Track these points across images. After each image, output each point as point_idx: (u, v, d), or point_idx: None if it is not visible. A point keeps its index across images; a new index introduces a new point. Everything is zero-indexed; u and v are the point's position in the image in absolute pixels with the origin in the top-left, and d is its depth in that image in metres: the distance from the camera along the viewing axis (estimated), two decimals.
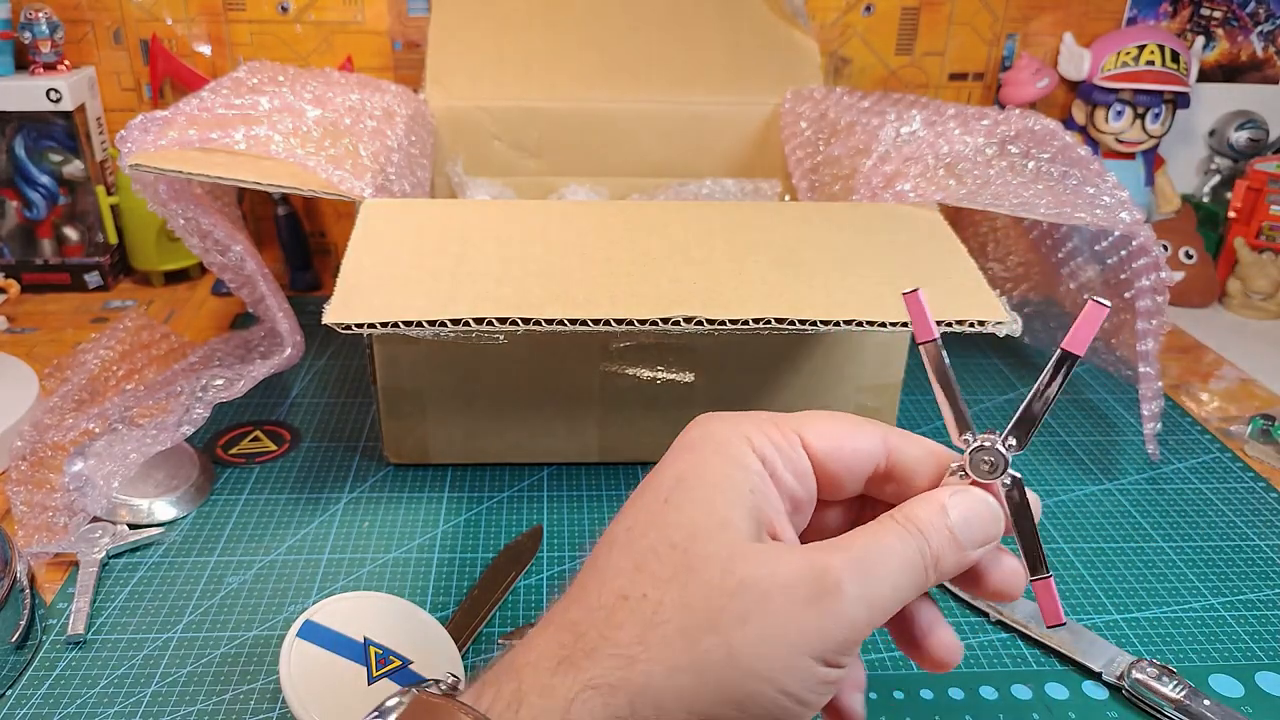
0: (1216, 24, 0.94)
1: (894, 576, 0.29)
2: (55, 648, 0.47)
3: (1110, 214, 0.56)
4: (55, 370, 0.69)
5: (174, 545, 0.54)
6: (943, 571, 0.31)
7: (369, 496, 0.59)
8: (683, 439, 0.33)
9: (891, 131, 0.64)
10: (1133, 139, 0.89)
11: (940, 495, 0.31)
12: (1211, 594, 0.52)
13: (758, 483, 0.31)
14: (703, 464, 0.31)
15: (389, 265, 0.50)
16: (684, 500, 0.30)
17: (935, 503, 0.31)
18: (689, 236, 0.54)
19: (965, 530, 0.31)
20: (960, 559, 0.31)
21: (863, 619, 0.28)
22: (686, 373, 0.58)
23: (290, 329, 0.60)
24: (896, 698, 0.45)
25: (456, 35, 0.81)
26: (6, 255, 0.85)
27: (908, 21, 0.91)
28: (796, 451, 0.32)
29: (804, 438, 0.32)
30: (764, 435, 0.32)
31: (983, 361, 0.76)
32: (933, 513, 0.31)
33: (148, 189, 0.59)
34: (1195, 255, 0.89)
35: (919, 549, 0.30)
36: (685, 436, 0.33)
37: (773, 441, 0.32)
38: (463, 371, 0.58)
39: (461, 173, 0.80)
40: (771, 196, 0.79)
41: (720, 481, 0.30)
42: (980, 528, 0.31)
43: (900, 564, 0.30)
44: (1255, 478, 0.63)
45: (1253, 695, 0.46)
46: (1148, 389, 0.60)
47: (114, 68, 0.86)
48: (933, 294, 0.49)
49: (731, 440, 0.31)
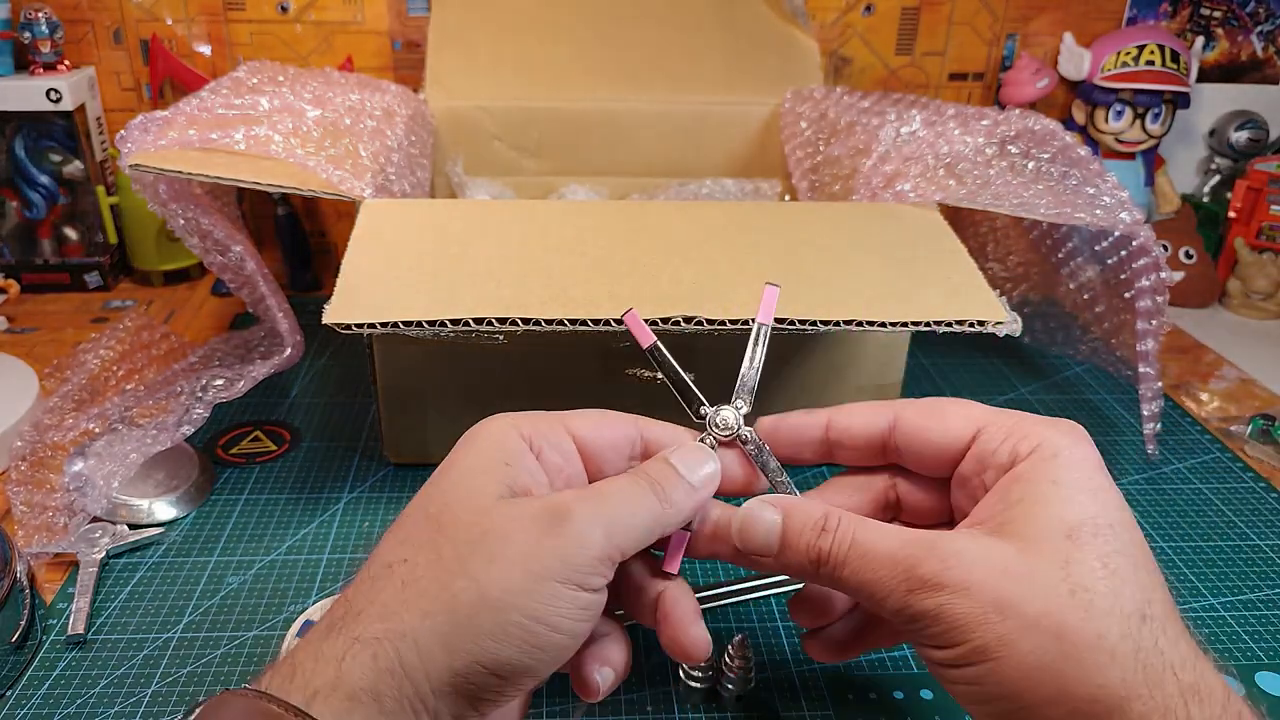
0: (1216, 24, 0.94)
1: (627, 504, 0.33)
2: (55, 648, 0.47)
3: (1110, 214, 0.56)
4: (55, 370, 0.69)
5: (174, 545, 0.54)
6: (676, 502, 0.34)
7: (369, 496, 0.59)
8: (465, 435, 0.36)
9: (891, 131, 0.64)
10: (1133, 139, 0.89)
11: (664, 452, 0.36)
12: (1211, 594, 0.52)
13: (514, 457, 0.34)
14: (466, 450, 0.35)
15: (389, 265, 0.50)
16: (442, 479, 0.34)
17: (659, 455, 0.36)
18: (689, 236, 0.54)
19: (685, 467, 0.35)
20: (689, 491, 0.35)
21: (599, 537, 0.31)
22: (686, 373, 0.58)
23: (290, 329, 0.60)
24: (896, 697, 0.45)
25: (456, 35, 0.81)
26: (6, 255, 0.85)
27: (908, 21, 0.91)
28: (560, 436, 0.36)
29: (568, 425, 0.37)
30: (531, 424, 0.36)
31: (982, 361, 0.76)
32: (656, 460, 0.36)
33: (148, 189, 0.59)
34: (1195, 255, 0.89)
35: (648, 484, 0.34)
36: (467, 432, 0.36)
37: (538, 429, 0.36)
38: (463, 371, 0.58)
39: (461, 173, 0.80)
40: (771, 196, 0.79)
41: (476, 460, 0.34)
42: (697, 463, 0.36)
43: (631, 493, 0.33)
44: (1255, 478, 0.63)
45: (1253, 695, 0.46)
46: (1148, 389, 0.60)
47: (114, 68, 0.86)
48: (933, 294, 0.49)
49: (498, 428, 0.35)
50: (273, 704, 0.28)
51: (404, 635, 0.29)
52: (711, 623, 0.49)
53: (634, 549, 0.33)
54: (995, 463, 0.34)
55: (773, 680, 0.46)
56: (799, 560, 0.34)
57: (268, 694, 0.29)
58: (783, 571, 0.35)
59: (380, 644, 0.29)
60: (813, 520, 0.34)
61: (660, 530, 0.34)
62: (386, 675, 0.29)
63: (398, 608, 0.30)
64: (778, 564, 0.35)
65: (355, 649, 0.29)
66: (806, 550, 0.34)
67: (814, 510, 0.34)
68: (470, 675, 0.30)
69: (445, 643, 0.29)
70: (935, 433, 0.36)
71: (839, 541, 0.33)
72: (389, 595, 0.30)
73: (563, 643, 0.31)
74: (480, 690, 0.30)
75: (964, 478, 0.36)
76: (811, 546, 0.34)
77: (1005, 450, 0.34)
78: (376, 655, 0.29)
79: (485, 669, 0.30)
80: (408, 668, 0.29)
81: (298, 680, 0.29)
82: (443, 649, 0.29)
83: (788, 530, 0.34)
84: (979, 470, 0.35)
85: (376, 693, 0.29)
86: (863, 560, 0.32)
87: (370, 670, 0.29)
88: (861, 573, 0.32)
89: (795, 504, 0.35)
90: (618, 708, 0.44)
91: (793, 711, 0.44)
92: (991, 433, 0.35)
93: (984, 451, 0.35)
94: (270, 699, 0.29)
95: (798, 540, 0.34)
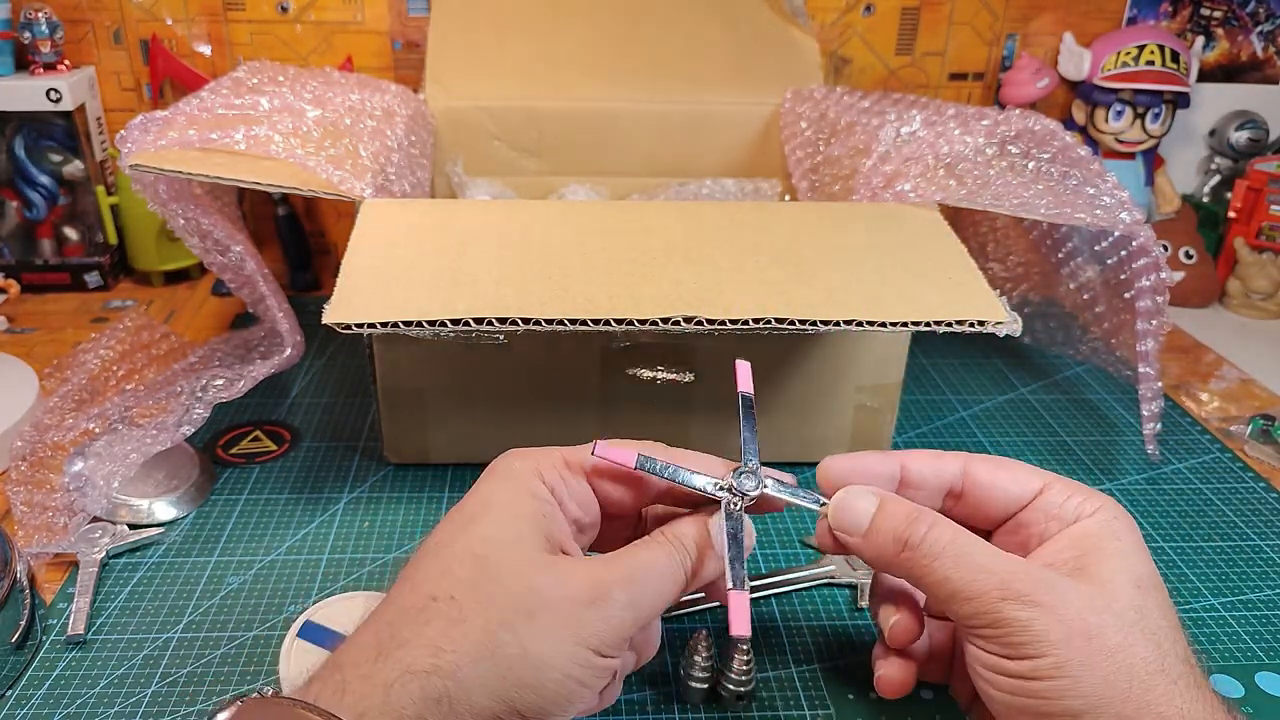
0: (1216, 24, 0.94)
1: (657, 585, 0.36)
2: (55, 648, 0.47)
3: (1110, 214, 0.56)
4: (55, 370, 0.69)
5: (174, 545, 0.54)
6: (703, 577, 0.38)
7: (369, 496, 0.59)
8: (488, 471, 0.39)
9: (891, 131, 0.64)
10: (1133, 139, 0.89)
11: (703, 516, 0.39)
12: (1211, 594, 0.52)
13: (547, 509, 0.37)
14: (502, 491, 0.38)
15: (389, 265, 0.50)
16: (486, 519, 0.36)
17: (700, 522, 0.39)
18: (689, 236, 0.54)
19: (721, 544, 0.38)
20: (719, 568, 0.38)
21: (629, 620, 0.35)
22: (686, 373, 0.58)
23: (290, 329, 0.60)
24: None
25: (456, 35, 0.81)
26: (6, 255, 0.85)
27: (908, 21, 0.91)
28: (579, 484, 0.39)
29: (586, 469, 0.39)
30: (553, 470, 0.39)
31: (983, 361, 0.76)
32: (698, 531, 0.38)
33: (148, 189, 0.59)
34: (1195, 255, 0.89)
35: (680, 562, 0.37)
36: (489, 469, 0.39)
37: (560, 475, 0.39)
38: (463, 371, 0.58)
39: (461, 173, 0.80)
40: (771, 196, 0.79)
41: (516, 506, 0.37)
42: None
43: (662, 575, 0.37)
44: (1255, 478, 0.63)
45: (1253, 695, 0.46)
46: (1147, 389, 0.60)
47: (114, 68, 0.86)
48: (932, 294, 0.49)
49: (526, 474, 0.38)
50: (321, 717, 0.31)
51: (452, 675, 0.32)
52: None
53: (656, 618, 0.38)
54: (1060, 515, 0.38)
55: (773, 680, 0.46)
56: (884, 542, 0.38)
57: (316, 706, 0.31)
58: (862, 552, 0.39)
59: (429, 678, 0.32)
60: (905, 510, 0.38)
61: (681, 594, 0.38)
62: (432, 705, 0.32)
63: (441, 642, 0.33)
64: (864, 544, 0.38)
65: (405, 679, 0.32)
66: (896, 535, 0.37)
67: (906, 503, 0.38)
68: (505, 715, 0.33)
69: (488, 687, 0.33)
70: (1008, 482, 0.40)
71: (936, 537, 0.36)
72: (435, 632, 0.33)
73: (586, 695, 0.35)
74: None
75: (1021, 524, 0.40)
76: (902, 532, 0.37)
77: (1071, 506, 0.38)
78: (425, 688, 0.32)
79: (519, 713, 0.33)
80: (454, 703, 0.32)
81: (348, 699, 0.32)
82: (485, 693, 0.33)
83: (880, 514, 0.38)
84: (1042, 520, 0.39)
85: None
86: (957, 560, 0.36)
87: (418, 701, 0.32)
88: (954, 571, 0.36)
89: (890, 494, 0.39)
90: (618, 708, 0.44)
91: (793, 711, 0.44)
92: (1057, 489, 0.39)
93: (1050, 504, 0.39)
94: (320, 712, 0.31)
95: (888, 524, 0.38)
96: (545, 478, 0.38)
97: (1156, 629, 0.34)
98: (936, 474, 0.41)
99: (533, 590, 0.34)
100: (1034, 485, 0.39)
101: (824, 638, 0.48)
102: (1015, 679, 0.34)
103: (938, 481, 0.41)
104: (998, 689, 0.35)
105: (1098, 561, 0.36)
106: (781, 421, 0.60)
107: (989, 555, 0.36)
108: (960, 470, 0.41)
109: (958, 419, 0.68)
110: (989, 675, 0.35)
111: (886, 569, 0.39)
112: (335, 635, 0.45)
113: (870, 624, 0.49)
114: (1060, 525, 0.38)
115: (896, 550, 0.37)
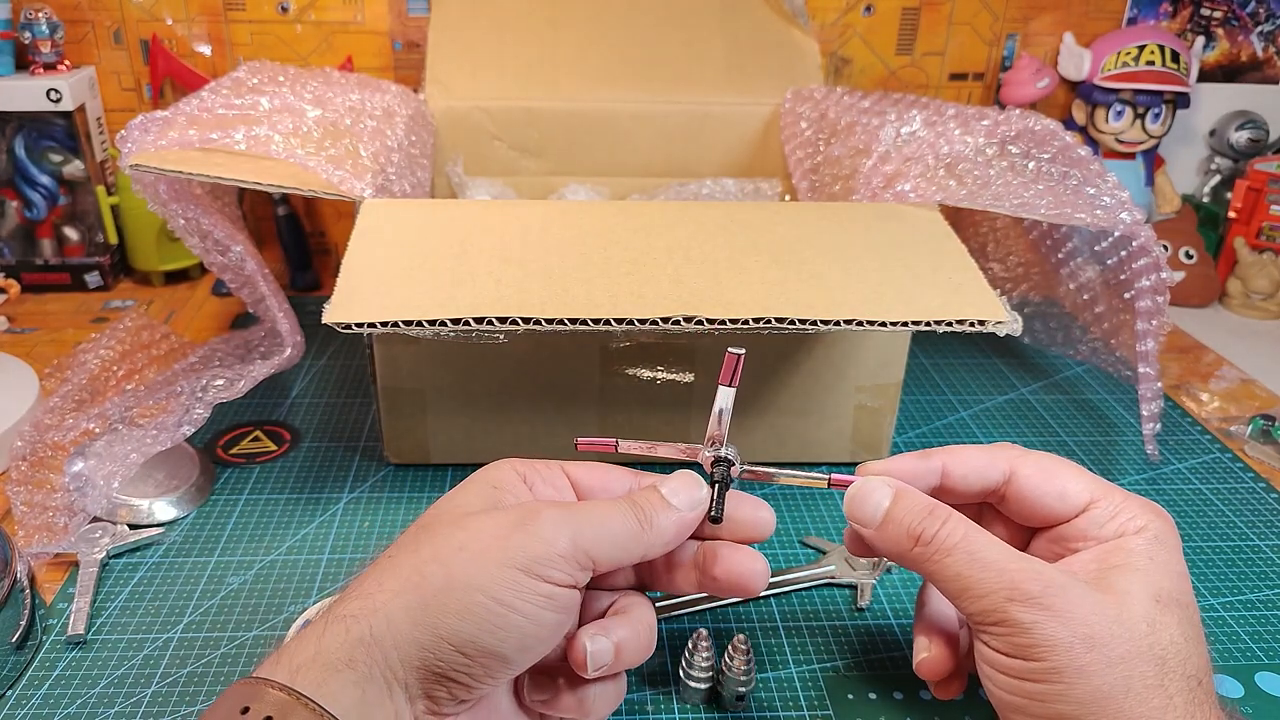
0: (1216, 24, 0.94)
1: (601, 516, 0.36)
2: (55, 648, 0.47)
3: (1110, 214, 0.56)
4: (55, 370, 0.69)
5: (174, 545, 0.54)
6: (660, 525, 0.37)
7: (369, 496, 0.59)
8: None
9: (891, 131, 0.64)
10: (1133, 139, 0.89)
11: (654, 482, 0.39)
12: (1211, 594, 0.52)
13: (504, 484, 0.38)
14: (465, 484, 0.39)
15: (389, 265, 0.50)
16: (439, 503, 0.38)
17: (649, 484, 0.39)
18: (689, 236, 0.54)
19: (672, 493, 0.38)
20: (675, 516, 0.38)
21: (564, 537, 0.35)
22: (686, 373, 0.58)
23: (290, 329, 0.60)
24: (896, 698, 0.45)
25: (456, 35, 0.81)
26: (7, 255, 0.85)
27: (908, 21, 0.91)
28: (555, 473, 0.40)
29: (566, 469, 0.41)
30: (527, 464, 0.40)
31: (983, 361, 0.76)
32: (647, 489, 0.39)
33: (148, 189, 0.59)
34: (1195, 255, 0.89)
35: (629, 505, 0.37)
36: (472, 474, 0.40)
37: (534, 467, 0.40)
38: (463, 371, 0.58)
39: (461, 173, 0.80)
40: (771, 196, 0.79)
41: (469, 485, 0.38)
42: (685, 489, 0.39)
43: (608, 508, 0.37)
44: (1255, 478, 0.63)
45: (1253, 695, 0.46)
46: (1147, 389, 0.60)
47: (114, 68, 0.86)
48: (932, 294, 0.49)
49: (496, 467, 0.39)
50: (260, 684, 0.31)
51: (375, 610, 0.33)
52: (712, 623, 0.49)
53: (609, 560, 0.36)
54: (1099, 535, 0.38)
55: (773, 680, 0.46)
56: (898, 536, 0.38)
57: (256, 676, 0.32)
58: (876, 545, 0.39)
59: (355, 619, 0.33)
60: (920, 505, 0.38)
61: (641, 549, 0.37)
62: (359, 645, 0.32)
63: (373, 589, 0.34)
64: (877, 536, 0.39)
65: (333, 625, 0.33)
66: (909, 529, 0.37)
67: (922, 497, 0.38)
68: (438, 651, 0.32)
69: (412, 617, 0.32)
70: (1053, 498, 0.39)
71: (949, 533, 0.37)
72: (369, 583, 0.34)
73: (525, 626, 0.34)
74: (448, 668, 0.33)
75: (1061, 537, 0.39)
76: (915, 527, 0.37)
77: (1113, 527, 0.38)
78: (349, 629, 0.32)
79: (451, 646, 0.33)
80: (378, 638, 0.32)
81: (283, 660, 0.32)
82: (410, 623, 0.32)
83: (895, 507, 0.38)
84: (1080, 538, 0.38)
85: (351, 660, 0.32)
86: (970, 557, 0.36)
87: (345, 642, 0.32)
88: (965, 568, 0.36)
89: (905, 487, 0.39)
90: (618, 708, 0.44)
91: (793, 711, 0.44)
92: (1103, 507, 0.38)
93: (1092, 523, 0.38)
94: (259, 680, 0.32)
95: (902, 517, 0.38)
96: (518, 468, 0.39)
97: (1167, 645, 0.34)
98: (980, 477, 0.40)
99: (464, 529, 0.35)
100: (1079, 501, 0.39)
101: (824, 638, 0.48)
102: (1015, 678, 0.34)
103: (982, 487, 0.40)
104: (997, 685, 0.35)
105: (1120, 574, 0.36)
106: (781, 421, 0.60)
107: (1001, 554, 0.36)
108: (1005, 474, 0.40)
109: (958, 419, 0.68)
110: (991, 671, 0.36)
111: (899, 561, 0.38)
112: None
113: (870, 624, 0.49)
114: (1097, 544, 0.38)
115: (910, 545, 0.37)
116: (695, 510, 0.38)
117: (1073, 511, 0.39)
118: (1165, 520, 0.38)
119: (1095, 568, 0.37)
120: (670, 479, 0.39)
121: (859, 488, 0.39)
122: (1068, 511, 0.39)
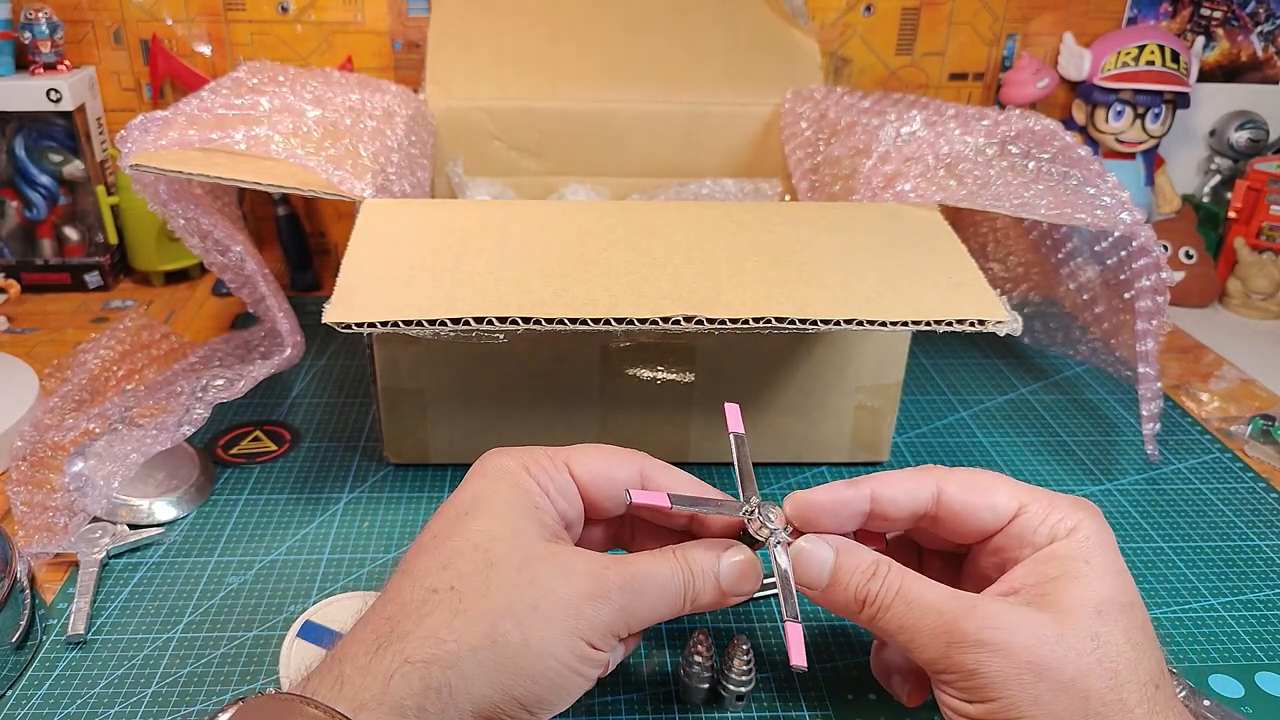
0: (1216, 24, 0.94)
1: (654, 599, 0.37)
2: (55, 648, 0.47)
3: (1110, 214, 0.56)
4: (55, 370, 0.69)
5: (174, 545, 0.54)
6: (700, 604, 0.38)
7: (369, 496, 0.59)
8: (475, 469, 0.40)
9: (891, 131, 0.64)
10: (1133, 139, 0.89)
11: (719, 546, 0.39)
12: (1211, 594, 0.52)
13: (539, 502, 0.38)
14: (493, 487, 0.38)
15: (389, 265, 0.50)
16: (482, 513, 0.37)
17: (713, 553, 0.39)
18: (689, 236, 0.54)
19: (728, 581, 0.38)
20: (719, 600, 0.39)
21: (620, 622, 0.36)
22: (686, 373, 0.58)
23: (290, 329, 0.60)
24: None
25: (456, 35, 0.81)
26: (7, 255, 0.85)
27: (908, 21, 0.91)
28: (565, 479, 0.39)
29: (571, 468, 0.40)
30: (539, 466, 0.39)
31: (983, 361, 0.76)
32: (708, 560, 0.38)
33: (148, 189, 0.59)
34: (1195, 255, 0.89)
35: (684, 583, 0.37)
36: (477, 467, 0.40)
37: (546, 471, 0.39)
38: (463, 371, 0.58)
39: (461, 173, 0.80)
40: (771, 196, 0.79)
41: (510, 499, 0.37)
42: (742, 582, 0.39)
43: (662, 590, 0.37)
44: (1255, 478, 0.63)
45: (1253, 695, 0.46)
46: (1147, 389, 0.60)
47: (114, 68, 0.86)
48: (932, 294, 0.49)
49: (515, 469, 0.39)
50: (320, 710, 0.31)
51: (453, 665, 0.33)
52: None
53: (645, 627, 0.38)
54: (1033, 541, 0.38)
55: (773, 680, 0.46)
56: (845, 598, 0.38)
57: (315, 700, 0.31)
58: (827, 606, 0.39)
59: (429, 668, 0.32)
60: (864, 565, 0.38)
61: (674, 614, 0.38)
62: (433, 695, 0.32)
63: (443, 634, 0.33)
64: (824, 598, 0.39)
65: (405, 669, 0.32)
66: (855, 591, 0.37)
67: (865, 556, 0.38)
68: (507, 707, 0.34)
69: (488, 675, 0.33)
70: (982, 510, 0.39)
71: (886, 587, 0.37)
72: (437, 623, 0.34)
73: (582, 685, 0.36)
74: (506, 716, 0.34)
75: (998, 548, 0.39)
76: (860, 588, 0.37)
77: (1045, 530, 0.38)
78: (425, 678, 0.32)
79: (520, 704, 0.34)
80: (454, 692, 0.33)
81: (346, 691, 0.32)
82: (485, 681, 0.33)
83: (839, 569, 0.38)
84: (1017, 545, 0.38)
85: (421, 710, 0.32)
86: (907, 608, 0.36)
87: (418, 690, 0.32)
88: (904, 619, 0.36)
89: (848, 546, 0.39)
90: (618, 708, 0.44)
91: (793, 711, 0.44)
92: (1032, 511, 0.38)
93: (1024, 530, 0.38)
94: (318, 705, 0.31)
95: (847, 579, 0.38)
96: (532, 472, 0.39)
97: (1115, 656, 0.34)
98: (909, 498, 0.40)
99: (534, 581, 0.35)
100: (1008, 509, 0.39)
101: (824, 638, 0.48)
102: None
103: (912, 509, 0.40)
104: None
105: (1061, 587, 0.35)
106: (781, 421, 0.60)
107: (937, 595, 0.36)
108: (933, 494, 0.40)
109: (958, 419, 0.68)
110: (953, 717, 0.36)
111: (851, 619, 0.39)
112: (335, 635, 0.45)
113: None
114: (1033, 549, 0.38)
115: (858, 608, 0.37)
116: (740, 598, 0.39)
117: (1003, 520, 0.39)
118: (1095, 515, 0.38)
119: (1035, 582, 0.36)
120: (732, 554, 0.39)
121: (800, 549, 0.39)
122: (999, 521, 0.39)
